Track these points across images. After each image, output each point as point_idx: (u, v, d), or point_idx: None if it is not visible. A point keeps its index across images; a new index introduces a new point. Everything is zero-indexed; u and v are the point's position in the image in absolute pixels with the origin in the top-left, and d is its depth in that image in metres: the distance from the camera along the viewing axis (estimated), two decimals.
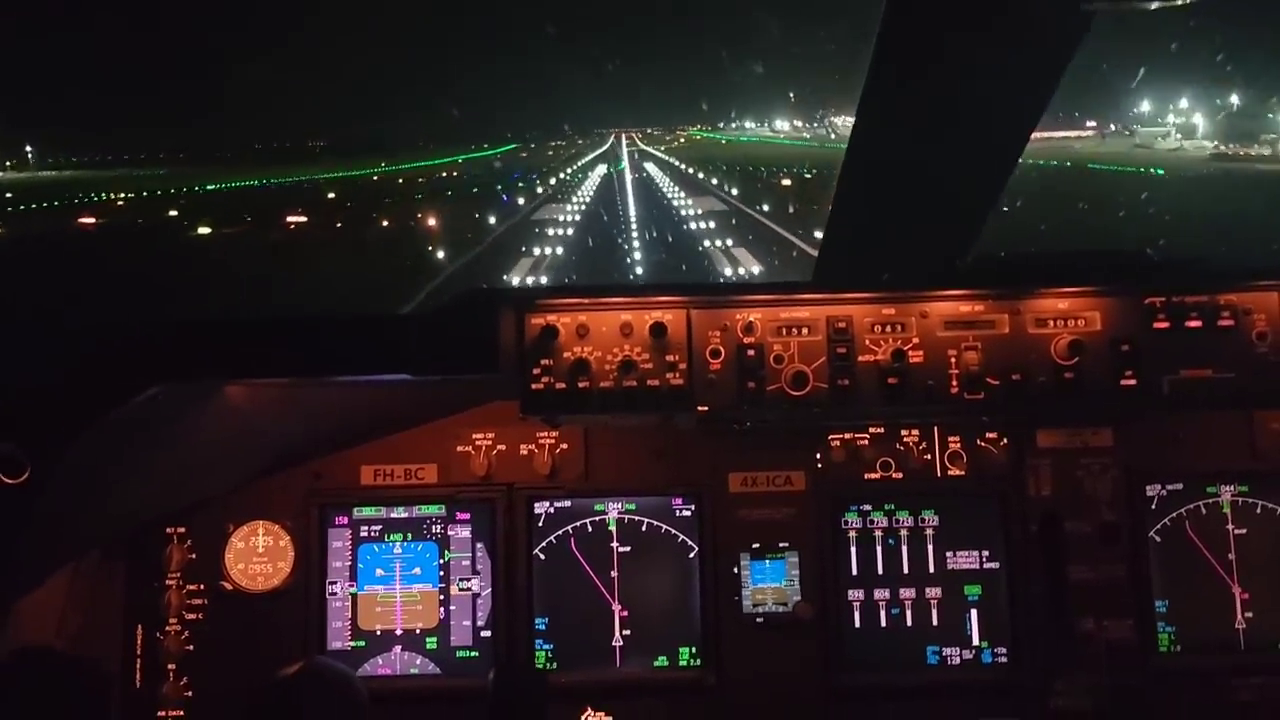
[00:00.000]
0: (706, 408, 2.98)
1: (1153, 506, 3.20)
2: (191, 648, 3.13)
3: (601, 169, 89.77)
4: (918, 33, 2.86)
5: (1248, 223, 25.80)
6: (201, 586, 3.16)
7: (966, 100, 2.95)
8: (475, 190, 65.15)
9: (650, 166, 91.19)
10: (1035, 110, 3.11)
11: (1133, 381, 2.97)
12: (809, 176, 54.13)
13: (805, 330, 3.00)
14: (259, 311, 3.13)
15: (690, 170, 77.10)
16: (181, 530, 3.16)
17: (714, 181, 65.67)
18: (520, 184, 69.07)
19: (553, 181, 72.96)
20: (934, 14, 2.81)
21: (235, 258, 34.33)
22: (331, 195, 61.46)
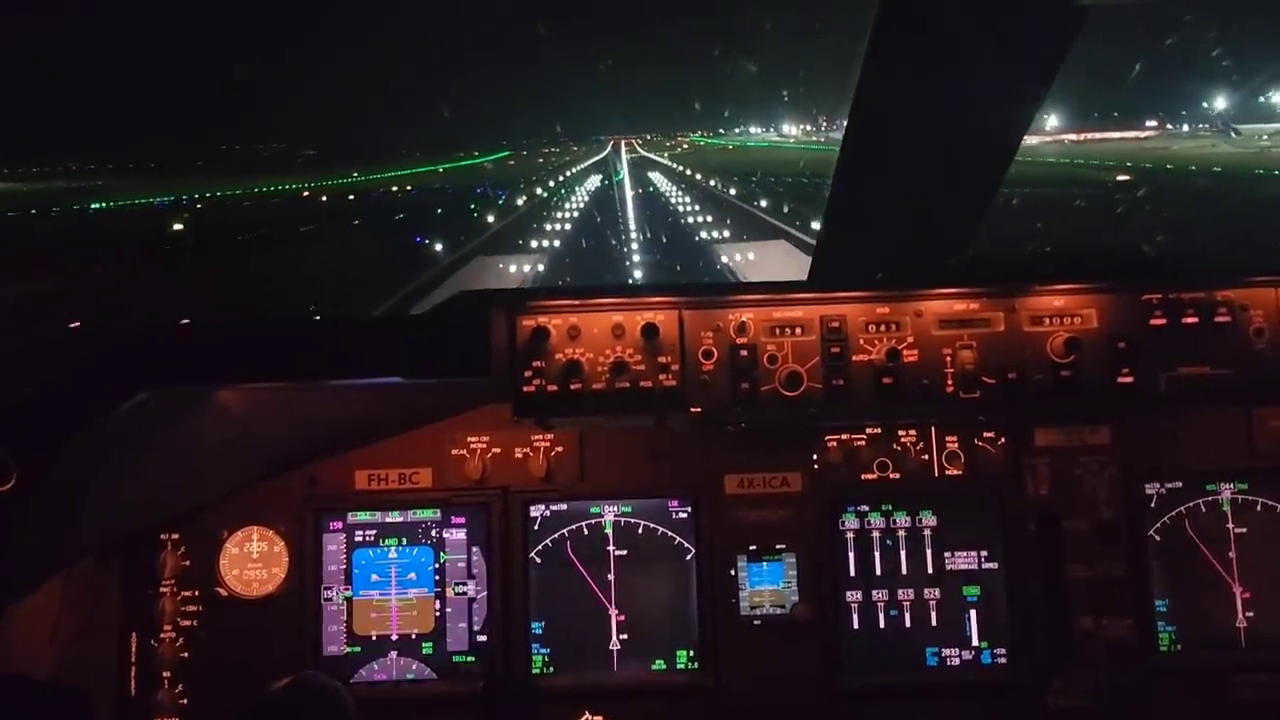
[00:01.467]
0: (700, 409, 2.96)
1: (1152, 505, 3.18)
2: (186, 655, 3.12)
3: (594, 181, 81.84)
4: (910, 32, 2.85)
5: None
6: (196, 593, 3.14)
7: (960, 99, 2.94)
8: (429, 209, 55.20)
9: (657, 177, 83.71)
10: (1029, 109, 3.10)
11: (1130, 379, 2.95)
12: None
13: (799, 330, 2.99)
14: (245, 315, 3.10)
15: (714, 183, 68.44)
16: (175, 536, 3.15)
17: (734, 192, 59.20)
18: (476, 207, 56.63)
19: (521, 202, 63.20)
20: (926, 13, 2.79)
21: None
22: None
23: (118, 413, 2.59)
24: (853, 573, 3.18)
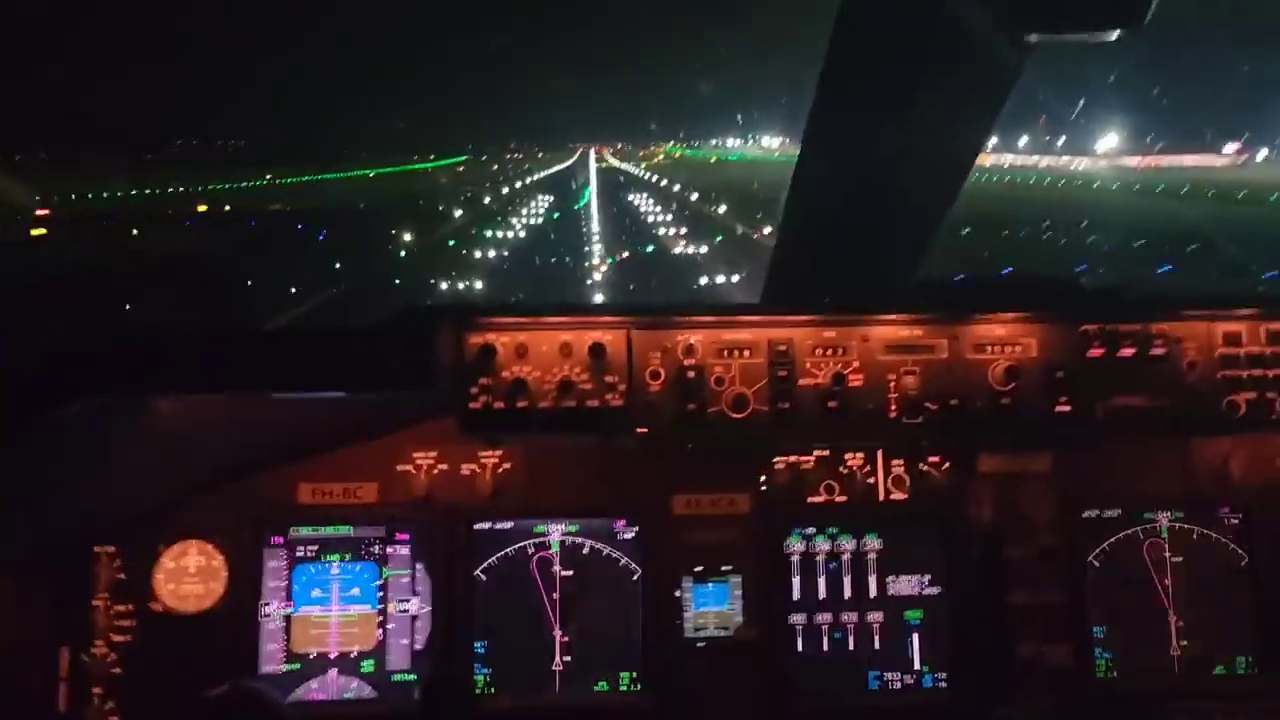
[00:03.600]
0: (646, 429, 2.97)
1: (1091, 532, 3.24)
2: (119, 670, 3.04)
3: (545, 205, 67.46)
4: (861, 63, 2.90)
5: None
6: (130, 607, 3.07)
7: (910, 127, 3.00)
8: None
9: (640, 200, 71.57)
10: (979, 136, 3.18)
11: (1067, 408, 3.01)
12: None
13: (747, 352, 3.01)
14: (175, 323, 3.07)
15: (690, 195, 63.62)
16: (110, 549, 3.08)
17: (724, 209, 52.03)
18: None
19: (459, 214, 57.75)
20: (877, 43, 2.86)
21: None
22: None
23: (48, 422, 2.54)
24: (797, 595, 3.19)
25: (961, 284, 3.18)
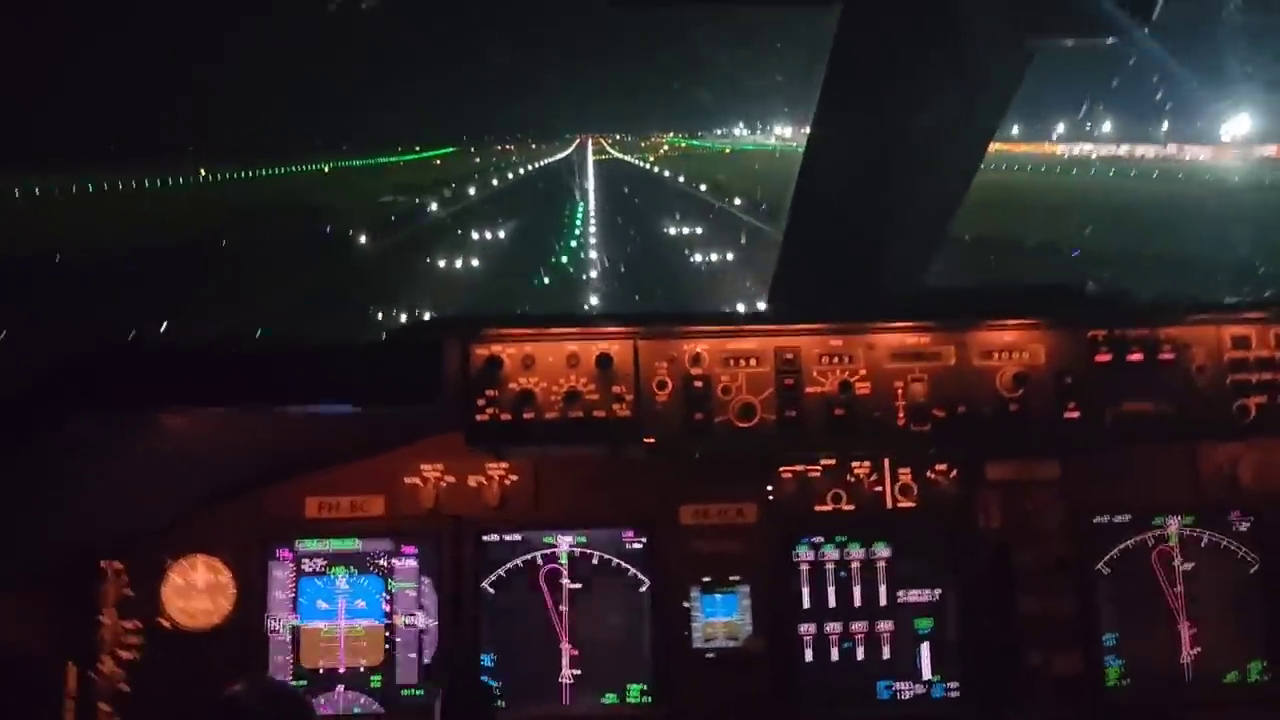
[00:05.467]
0: (653, 439, 2.96)
1: (1101, 539, 3.22)
2: (126, 687, 3.03)
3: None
4: (864, 67, 2.90)
5: None
6: (138, 623, 3.06)
7: (914, 131, 3.00)
8: None
9: (636, 187, 61.07)
10: (982, 140, 3.17)
11: (1076, 414, 3.00)
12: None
13: (753, 361, 3.00)
14: (187, 337, 3.04)
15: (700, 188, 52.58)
16: (117, 565, 3.07)
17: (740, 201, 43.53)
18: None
19: (435, 207, 50.55)
20: (880, 50, 2.85)
21: None
22: None
23: (54, 437, 2.53)
24: (806, 605, 3.18)
25: (967, 291, 3.17)
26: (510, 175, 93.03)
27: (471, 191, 68.93)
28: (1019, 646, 3.09)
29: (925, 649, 3.16)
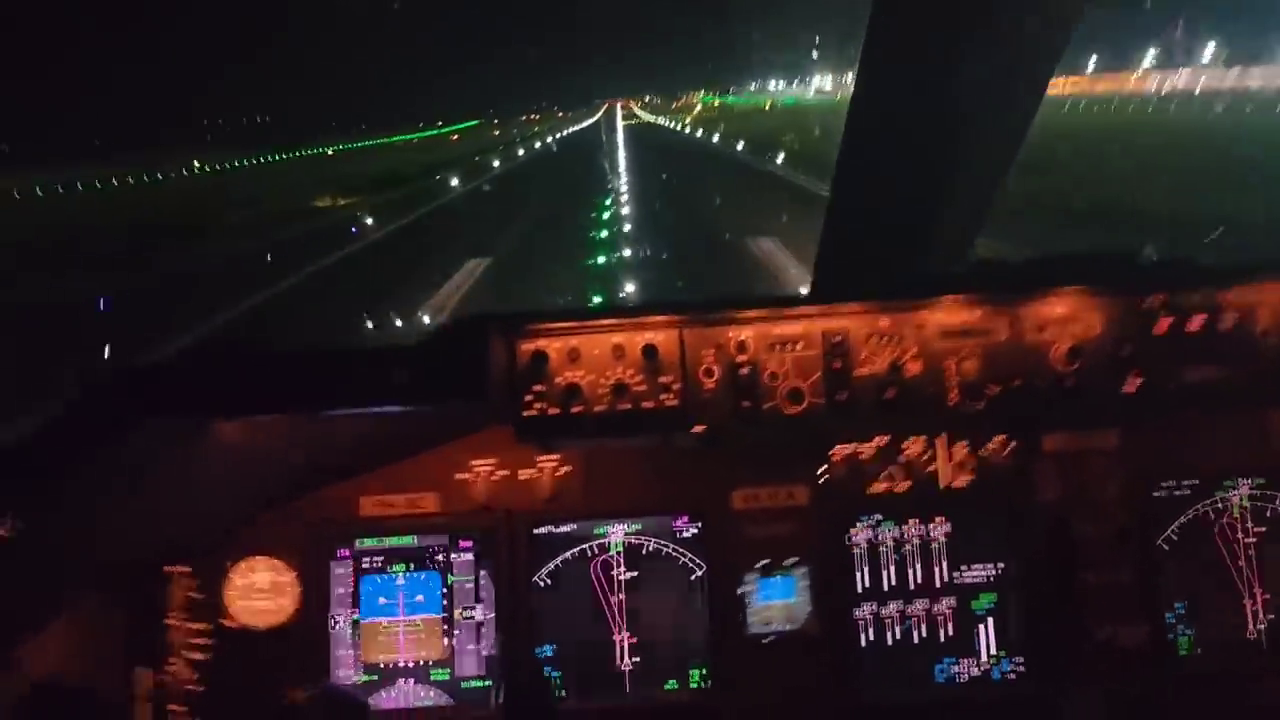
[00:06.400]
0: (702, 428, 2.94)
1: (1164, 508, 3.14)
2: (196, 688, 3.11)
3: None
4: (906, 34, 2.82)
5: None
6: (203, 625, 3.13)
7: (958, 101, 2.91)
8: None
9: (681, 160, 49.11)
10: (1030, 107, 3.08)
11: (1136, 385, 2.92)
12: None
13: (800, 345, 2.96)
14: (242, 344, 3.04)
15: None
16: (181, 569, 3.14)
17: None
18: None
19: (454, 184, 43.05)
20: (922, 14, 2.77)
21: None
22: None
23: (117, 447, 2.57)
24: (863, 586, 3.16)
25: (1017, 263, 3.08)
26: (521, 151, 79.05)
27: (454, 182, 49.52)
28: (1083, 621, 3.04)
29: (985, 627, 3.13)
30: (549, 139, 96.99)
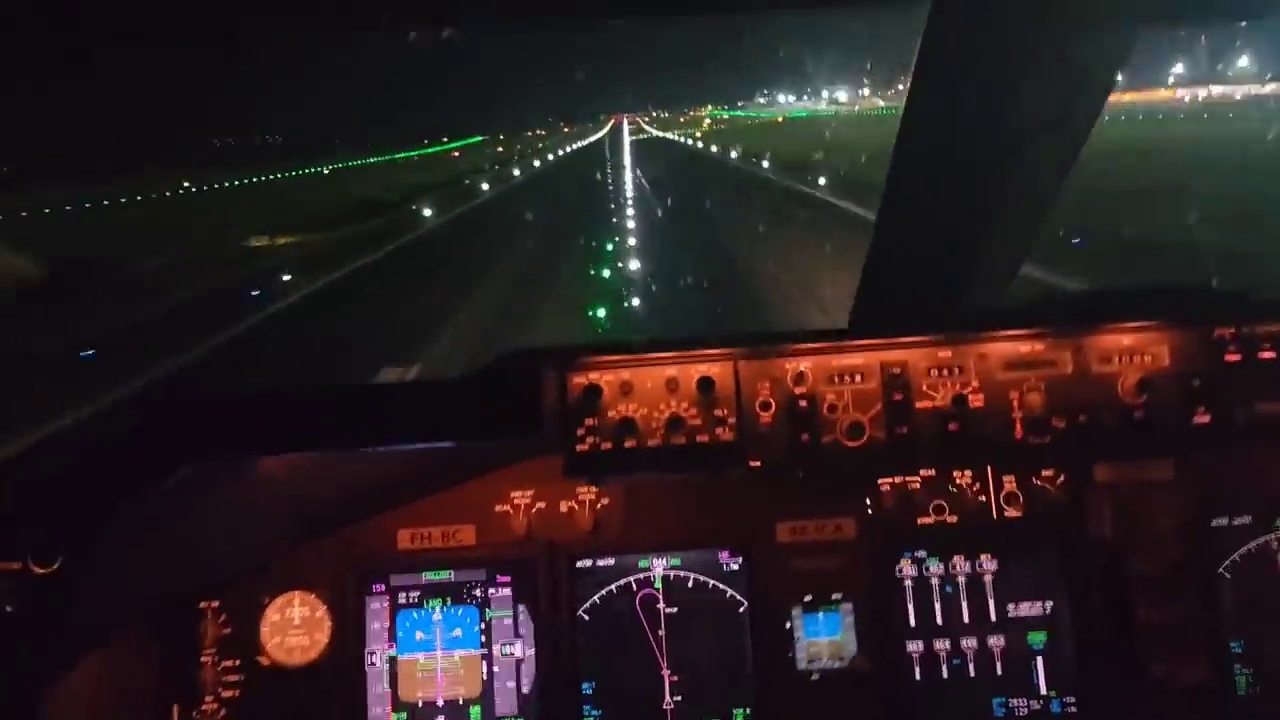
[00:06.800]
0: (759, 462, 2.87)
1: (1220, 541, 3.07)
2: None
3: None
4: (955, 63, 2.77)
5: None
6: (237, 662, 3.06)
7: (1011, 128, 2.86)
8: None
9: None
10: (1079, 138, 3.02)
11: (1206, 418, 2.85)
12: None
13: (859, 378, 2.90)
14: (287, 383, 2.98)
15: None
16: (215, 604, 3.07)
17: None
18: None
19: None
20: (975, 41, 2.72)
21: None
22: None
23: (162, 485, 2.52)
24: (913, 621, 3.08)
25: (1082, 294, 3.03)
26: (517, 171, 73.59)
27: (427, 213, 41.83)
28: (1140, 657, 2.96)
29: (1039, 663, 3.05)
30: (550, 156, 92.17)
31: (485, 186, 56.76)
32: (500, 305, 19.88)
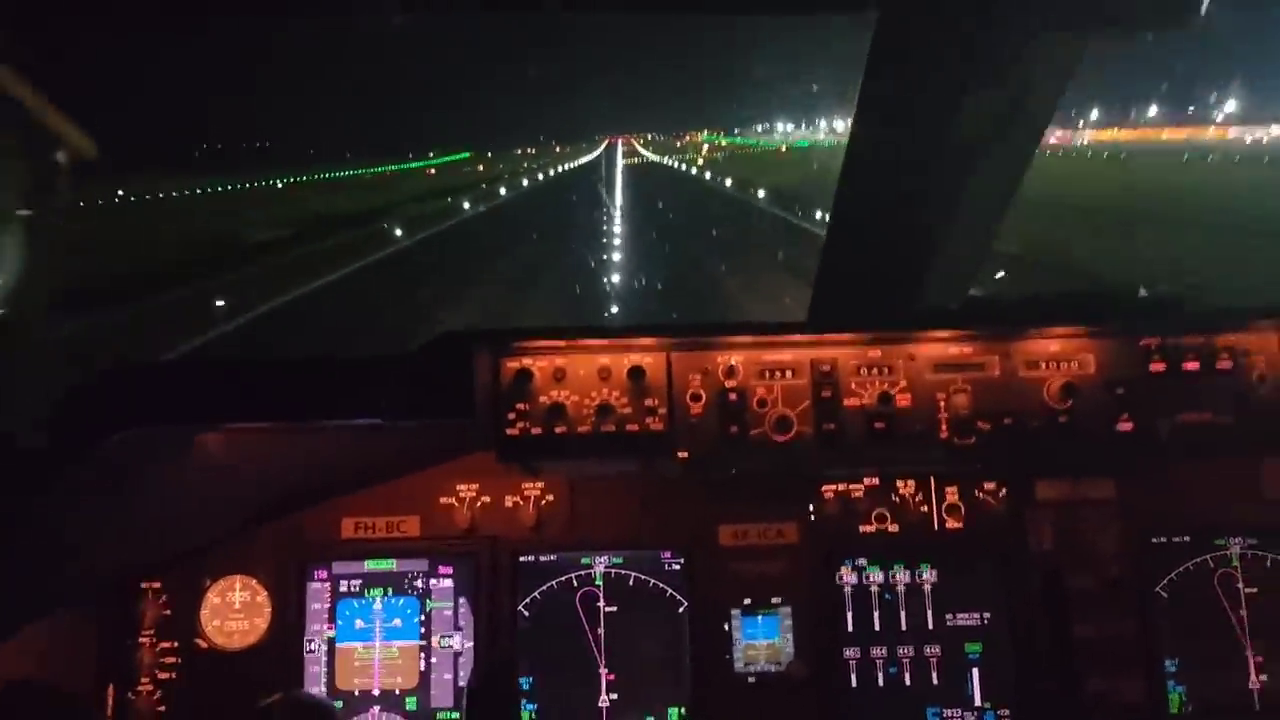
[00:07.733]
0: (687, 453, 2.89)
1: (1159, 560, 3.08)
2: (164, 708, 3.03)
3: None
4: (902, 72, 2.84)
5: None
6: (175, 644, 3.06)
7: (957, 137, 2.92)
8: None
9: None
10: (1028, 147, 3.08)
11: (1129, 425, 2.88)
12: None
13: (789, 373, 2.93)
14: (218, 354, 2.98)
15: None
16: (156, 585, 3.08)
17: None
18: None
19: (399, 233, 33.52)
20: (920, 56, 2.78)
21: None
22: None
23: (95, 455, 2.53)
24: (850, 628, 3.08)
25: (1011, 299, 3.06)
26: (503, 190, 67.49)
27: (398, 233, 38.10)
28: (1075, 673, 2.96)
29: (975, 674, 3.05)
30: (540, 176, 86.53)
31: (466, 205, 52.54)
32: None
